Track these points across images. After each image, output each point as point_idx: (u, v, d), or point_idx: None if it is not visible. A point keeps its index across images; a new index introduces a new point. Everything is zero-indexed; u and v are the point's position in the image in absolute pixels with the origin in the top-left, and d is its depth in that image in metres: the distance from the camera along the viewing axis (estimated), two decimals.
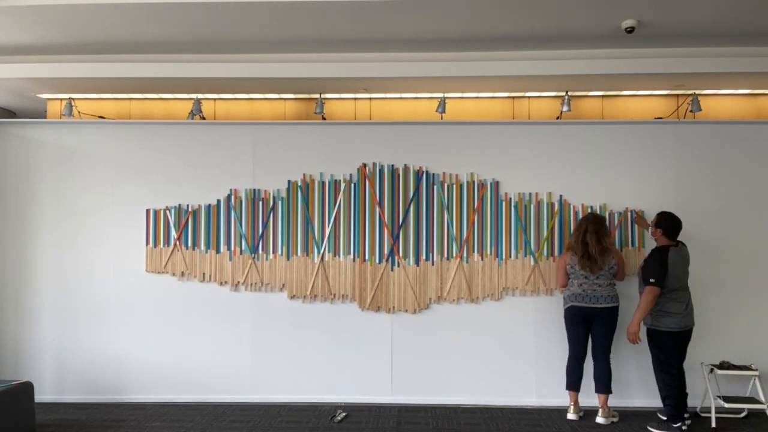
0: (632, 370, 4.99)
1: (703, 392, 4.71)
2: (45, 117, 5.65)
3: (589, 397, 4.73)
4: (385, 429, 4.47)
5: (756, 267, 5.04)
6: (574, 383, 4.71)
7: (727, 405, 4.47)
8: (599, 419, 4.58)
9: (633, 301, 4.68)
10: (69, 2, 3.95)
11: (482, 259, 5.14)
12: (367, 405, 5.04)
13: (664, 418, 4.52)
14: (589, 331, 4.69)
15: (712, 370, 4.66)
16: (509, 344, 5.11)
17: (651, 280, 4.34)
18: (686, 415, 4.39)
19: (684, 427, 4.34)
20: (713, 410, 4.45)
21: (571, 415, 4.69)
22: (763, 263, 5.05)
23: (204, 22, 4.23)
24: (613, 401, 4.70)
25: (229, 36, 4.48)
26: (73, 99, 5.44)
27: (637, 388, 4.99)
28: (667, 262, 4.35)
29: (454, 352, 5.13)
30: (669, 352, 4.38)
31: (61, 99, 5.54)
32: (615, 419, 4.63)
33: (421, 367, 5.14)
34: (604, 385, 4.60)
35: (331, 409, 4.93)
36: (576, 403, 4.71)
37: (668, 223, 4.48)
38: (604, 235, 4.62)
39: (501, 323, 5.12)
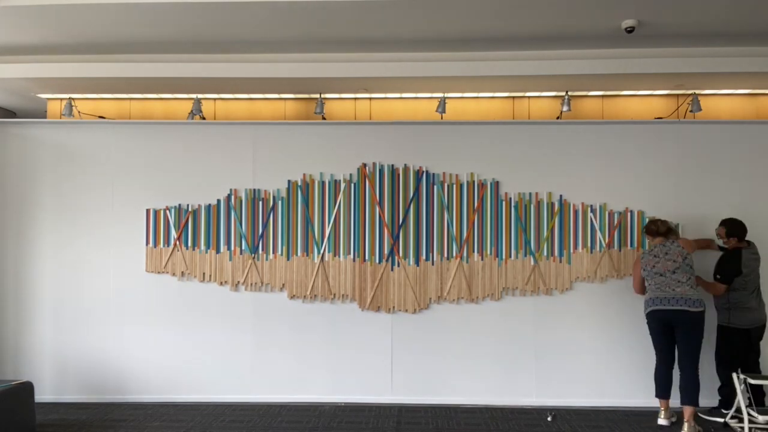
0: None
1: (736, 402, 4.37)
2: (45, 117, 5.65)
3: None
4: (385, 429, 4.47)
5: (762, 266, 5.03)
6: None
7: (761, 417, 4.22)
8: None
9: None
10: (69, 2, 3.95)
11: (482, 259, 5.14)
12: (367, 405, 5.04)
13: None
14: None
15: (745, 380, 4.33)
16: (509, 344, 5.11)
17: (717, 276, 4.57)
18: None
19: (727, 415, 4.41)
20: (746, 421, 4.23)
21: (661, 420, 4.52)
22: (763, 263, 5.04)
23: (204, 22, 4.23)
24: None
25: (229, 36, 4.48)
26: (73, 99, 5.44)
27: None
28: (740, 263, 4.55)
29: (454, 352, 5.13)
30: (737, 348, 4.56)
31: (61, 99, 5.54)
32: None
33: (421, 367, 5.14)
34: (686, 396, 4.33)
35: (332, 408, 4.94)
36: (666, 408, 4.51)
37: (736, 229, 4.65)
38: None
39: (501, 323, 5.12)
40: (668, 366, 4.48)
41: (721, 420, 4.48)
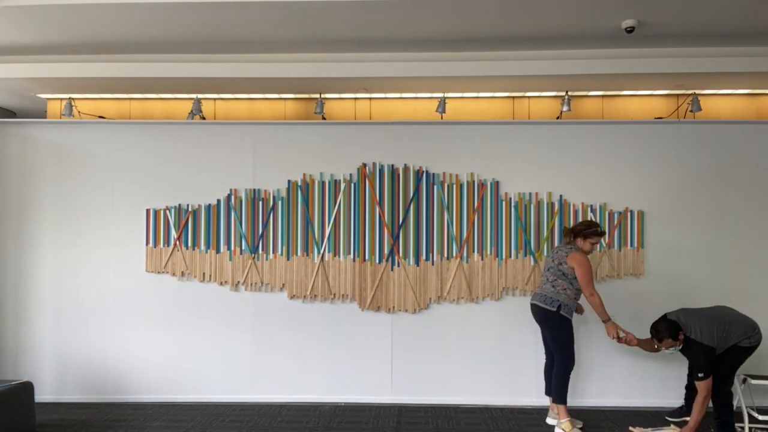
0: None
1: (736, 402, 4.39)
2: (45, 117, 5.65)
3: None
4: (385, 429, 4.47)
5: (757, 268, 5.04)
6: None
7: (760, 417, 4.24)
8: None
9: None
10: (69, 2, 3.95)
11: (482, 259, 5.14)
12: (367, 405, 5.04)
13: None
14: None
15: (745, 380, 4.37)
16: (509, 344, 5.11)
17: (700, 375, 4.07)
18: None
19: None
20: (746, 421, 4.26)
21: (548, 419, 4.54)
22: (763, 264, 5.05)
23: (204, 22, 4.23)
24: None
25: (229, 36, 4.48)
26: (73, 99, 5.44)
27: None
28: (711, 351, 4.08)
29: (454, 352, 5.13)
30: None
31: (61, 99, 5.54)
32: (579, 425, 4.43)
33: (421, 367, 5.14)
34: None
35: (331, 408, 4.94)
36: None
37: (669, 331, 4.16)
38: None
39: (501, 323, 5.12)
40: (549, 361, 4.58)
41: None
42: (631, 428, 4.41)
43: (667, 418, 4.66)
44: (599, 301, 4.30)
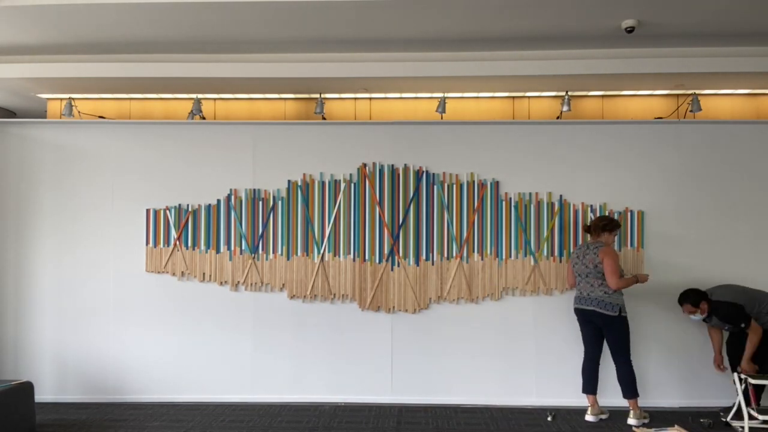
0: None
1: (736, 402, 4.40)
2: (45, 117, 5.65)
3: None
4: (385, 429, 4.47)
5: (757, 268, 5.04)
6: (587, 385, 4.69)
7: (760, 416, 4.19)
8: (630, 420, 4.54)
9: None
10: (69, 2, 3.95)
11: (482, 259, 5.14)
12: (367, 405, 5.04)
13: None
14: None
15: (745, 380, 4.33)
16: (509, 344, 5.11)
17: (742, 325, 4.50)
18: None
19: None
20: (746, 421, 4.23)
21: (588, 417, 4.65)
22: (763, 264, 5.05)
23: (204, 22, 4.23)
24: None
25: (229, 36, 4.48)
26: (73, 99, 5.44)
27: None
28: (742, 310, 4.51)
29: (454, 352, 5.13)
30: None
31: (61, 99, 5.54)
32: (646, 420, 4.57)
33: (421, 367, 5.14)
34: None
35: (332, 408, 4.94)
36: (593, 404, 4.66)
37: (700, 295, 4.58)
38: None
39: (501, 323, 5.12)
40: (592, 361, 4.67)
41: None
42: (634, 428, 4.41)
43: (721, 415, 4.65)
44: (625, 284, 4.51)
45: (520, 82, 5.06)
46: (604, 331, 4.60)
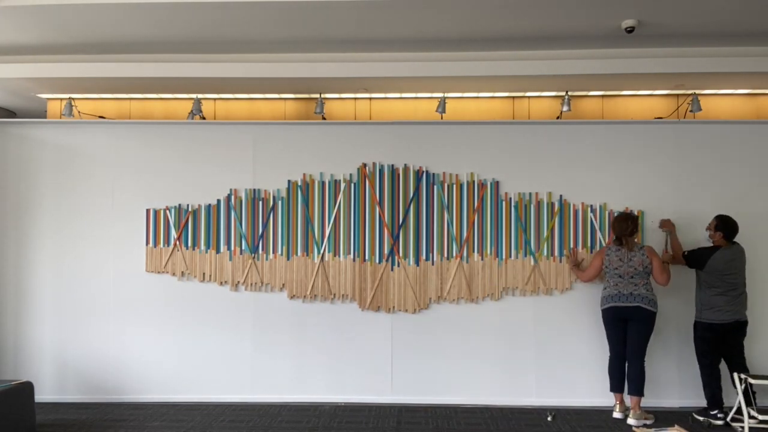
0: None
1: (737, 402, 4.40)
2: (45, 117, 5.65)
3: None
4: (385, 429, 4.47)
5: (757, 267, 5.03)
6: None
7: (760, 416, 4.24)
8: (630, 420, 4.56)
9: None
10: (69, 2, 3.95)
11: (482, 259, 5.14)
12: (367, 405, 5.04)
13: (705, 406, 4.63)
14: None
15: (745, 380, 4.36)
16: (509, 344, 5.11)
17: (685, 253, 4.78)
18: (720, 410, 4.52)
19: (720, 415, 4.48)
20: (746, 421, 4.25)
21: (616, 414, 4.69)
22: (763, 264, 5.05)
23: (204, 22, 4.23)
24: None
25: (229, 36, 4.49)
26: (73, 99, 5.44)
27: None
28: (707, 259, 4.62)
29: (454, 352, 5.13)
30: (703, 344, 4.64)
31: (61, 99, 5.54)
32: (648, 421, 4.55)
33: (421, 367, 5.14)
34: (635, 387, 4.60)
35: (332, 408, 4.94)
36: (621, 402, 4.69)
37: (726, 226, 4.68)
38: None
39: (501, 323, 5.12)
40: (622, 360, 4.68)
41: (718, 421, 4.49)
42: (634, 428, 4.41)
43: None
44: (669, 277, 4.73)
45: (520, 82, 5.06)
46: (635, 328, 4.60)
